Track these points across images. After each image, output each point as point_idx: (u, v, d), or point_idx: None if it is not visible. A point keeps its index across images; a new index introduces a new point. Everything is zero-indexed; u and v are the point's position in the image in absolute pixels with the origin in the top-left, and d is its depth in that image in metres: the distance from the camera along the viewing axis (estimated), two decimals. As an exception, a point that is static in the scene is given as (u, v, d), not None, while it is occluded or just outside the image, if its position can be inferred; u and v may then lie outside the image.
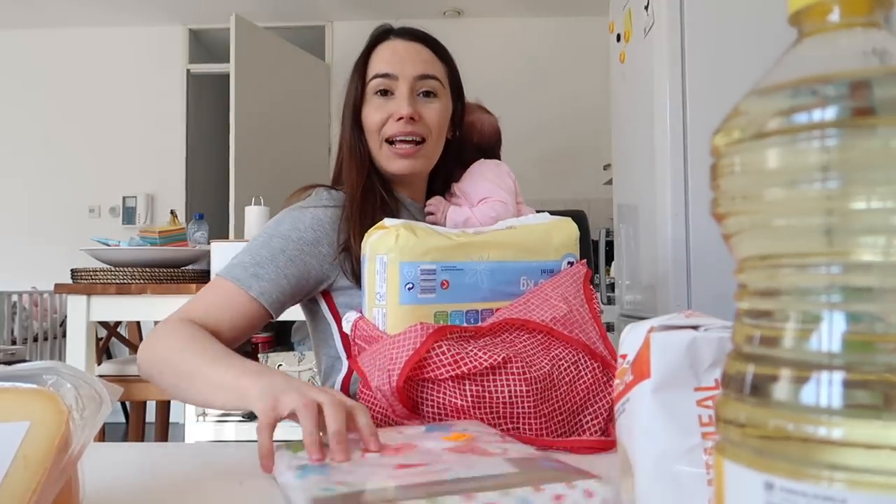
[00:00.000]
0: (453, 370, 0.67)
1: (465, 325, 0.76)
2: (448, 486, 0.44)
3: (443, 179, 1.01)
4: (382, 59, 0.92)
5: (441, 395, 0.68)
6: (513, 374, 0.69)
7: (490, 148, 1.09)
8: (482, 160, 1.02)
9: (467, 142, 1.04)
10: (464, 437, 0.56)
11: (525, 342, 0.74)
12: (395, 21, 0.99)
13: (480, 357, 0.68)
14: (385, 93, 0.91)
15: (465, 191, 0.97)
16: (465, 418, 0.68)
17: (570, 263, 0.84)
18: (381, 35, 0.95)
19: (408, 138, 0.90)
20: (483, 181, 0.97)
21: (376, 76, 0.91)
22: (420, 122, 0.90)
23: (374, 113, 0.91)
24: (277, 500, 0.50)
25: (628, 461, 0.42)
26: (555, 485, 0.44)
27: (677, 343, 0.41)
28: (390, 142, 0.90)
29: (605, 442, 0.68)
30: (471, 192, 0.96)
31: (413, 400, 0.69)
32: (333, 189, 0.95)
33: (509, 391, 0.68)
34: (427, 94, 0.91)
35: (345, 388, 0.84)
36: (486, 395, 0.68)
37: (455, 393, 0.68)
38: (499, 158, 1.11)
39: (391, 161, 0.91)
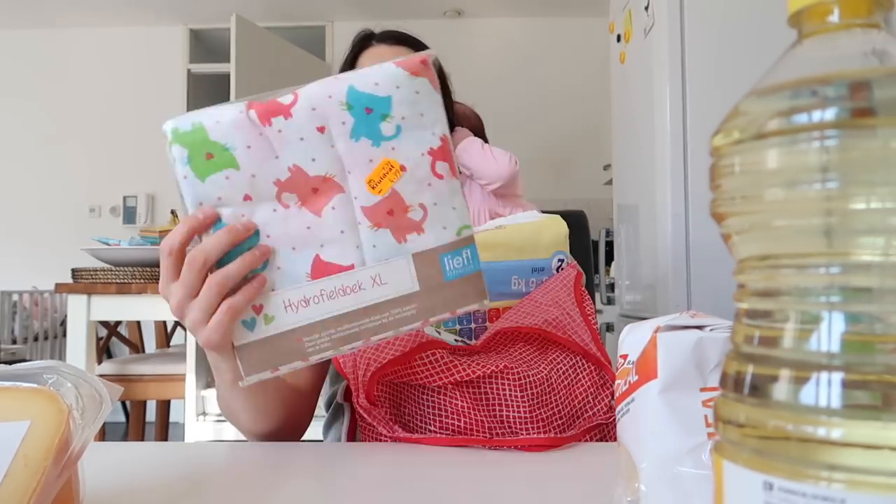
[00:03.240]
0: (448, 377, 0.67)
1: (456, 326, 0.75)
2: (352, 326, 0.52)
3: None
4: None
5: (441, 398, 0.68)
6: (508, 378, 0.69)
7: (480, 133, 1.10)
8: (466, 140, 1.02)
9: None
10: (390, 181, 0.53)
11: (521, 350, 0.74)
12: (374, 25, 0.98)
13: (474, 367, 0.68)
14: None
15: (466, 165, 0.97)
16: (467, 419, 0.68)
17: (561, 261, 0.84)
18: (364, 41, 0.95)
19: None
20: (476, 152, 0.97)
21: None
22: None
23: None
24: (278, 500, 0.50)
25: (632, 462, 0.42)
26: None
27: (684, 343, 0.41)
28: None
29: (556, 440, 0.67)
30: (470, 165, 0.96)
31: (407, 405, 0.69)
32: None
33: (505, 395, 0.68)
34: None
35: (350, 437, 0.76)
36: (483, 397, 0.68)
37: (455, 394, 0.68)
38: (487, 140, 1.12)
39: None
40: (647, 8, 1.82)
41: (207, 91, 4.51)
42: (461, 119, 1.05)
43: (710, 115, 1.66)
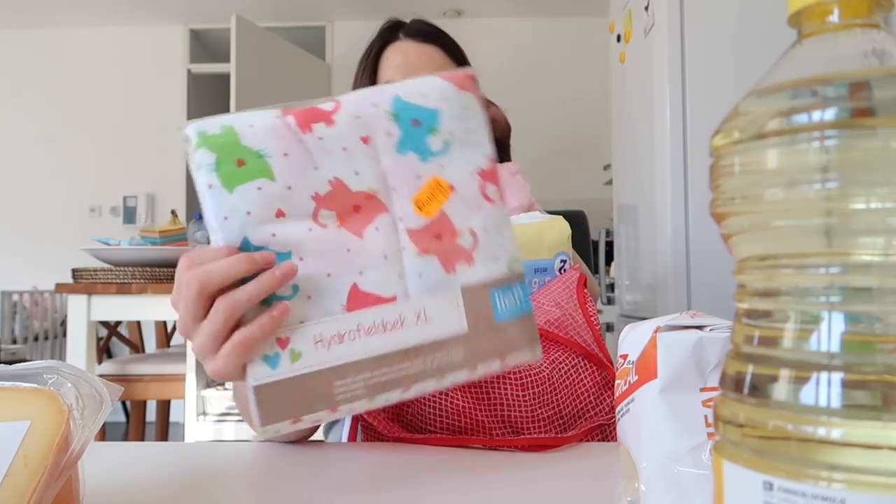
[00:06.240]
0: None
1: None
2: (393, 370, 0.45)
3: None
4: (392, 66, 0.89)
5: (443, 397, 0.68)
6: (510, 378, 0.69)
7: (507, 141, 1.09)
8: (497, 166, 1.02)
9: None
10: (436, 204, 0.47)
11: None
12: (404, 15, 0.96)
13: None
14: None
15: None
16: (468, 419, 0.67)
17: (563, 262, 0.84)
18: (391, 33, 0.92)
19: None
20: None
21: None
22: None
23: None
24: (278, 499, 0.50)
25: (632, 462, 0.42)
26: (490, 362, 0.48)
27: (684, 343, 0.41)
28: None
29: (557, 439, 0.67)
30: None
31: (408, 405, 0.69)
32: None
33: (507, 394, 0.68)
34: None
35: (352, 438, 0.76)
36: (485, 396, 0.68)
37: (456, 394, 0.68)
38: (510, 149, 1.11)
39: None
40: (647, 8, 1.82)
41: (207, 91, 4.51)
42: (492, 124, 1.04)
43: (710, 115, 1.66)
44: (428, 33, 0.92)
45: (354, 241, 0.45)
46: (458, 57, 0.94)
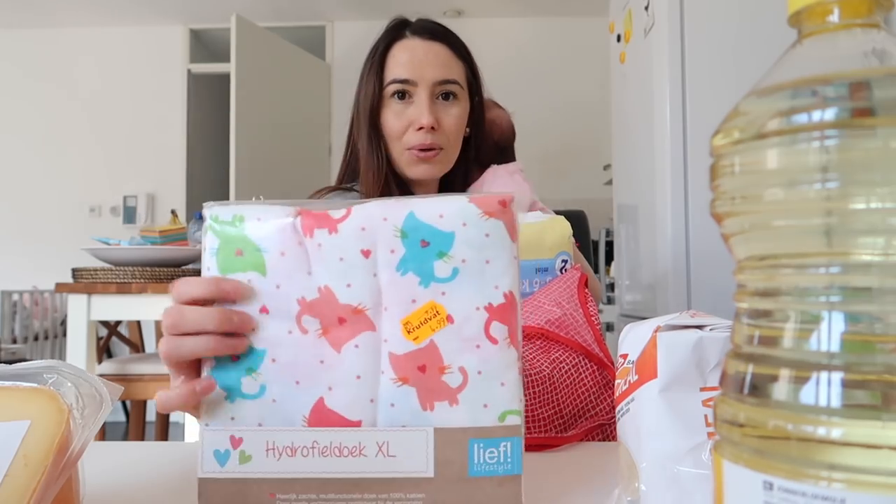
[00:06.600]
0: None
1: None
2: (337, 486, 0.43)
3: (461, 179, 1.00)
4: (400, 63, 0.90)
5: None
6: None
7: (508, 144, 1.08)
8: (495, 168, 1.01)
9: (487, 140, 1.03)
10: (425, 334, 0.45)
11: (523, 348, 0.74)
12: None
13: None
14: (403, 95, 0.90)
15: None
16: None
17: (565, 262, 0.84)
18: (398, 31, 0.92)
19: (428, 148, 0.89)
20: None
21: (394, 81, 0.89)
22: (439, 130, 0.89)
23: (393, 119, 0.90)
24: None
25: (632, 462, 0.42)
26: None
27: (684, 343, 0.41)
28: (410, 148, 0.90)
29: (556, 439, 0.67)
30: None
31: None
32: (344, 190, 0.94)
33: None
34: (446, 96, 0.90)
35: None
36: None
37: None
38: (514, 152, 1.09)
39: (412, 166, 0.91)
40: (647, 8, 1.82)
41: (207, 91, 4.51)
42: (489, 125, 1.03)
43: (710, 115, 1.66)
44: (435, 31, 0.92)
45: (331, 354, 0.44)
46: (464, 55, 0.94)
